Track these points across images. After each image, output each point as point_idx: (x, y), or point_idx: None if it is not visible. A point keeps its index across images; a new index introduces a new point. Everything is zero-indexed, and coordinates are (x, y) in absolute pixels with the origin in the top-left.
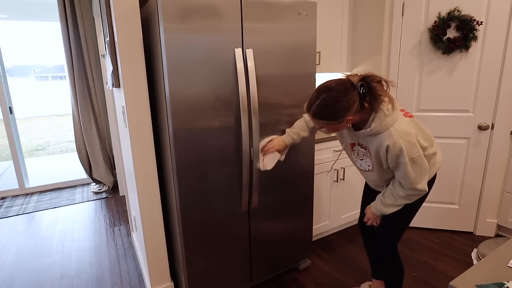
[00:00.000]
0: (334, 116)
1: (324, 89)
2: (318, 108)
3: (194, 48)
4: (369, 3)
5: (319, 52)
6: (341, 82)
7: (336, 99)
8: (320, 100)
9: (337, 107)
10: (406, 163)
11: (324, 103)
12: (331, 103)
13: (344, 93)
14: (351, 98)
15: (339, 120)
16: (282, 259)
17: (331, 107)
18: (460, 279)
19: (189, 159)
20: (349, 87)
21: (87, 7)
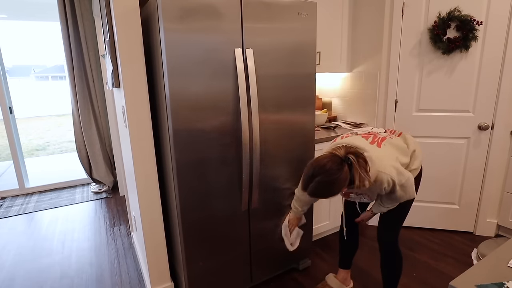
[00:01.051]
0: (332, 193)
1: (317, 172)
2: (315, 190)
3: (194, 48)
4: (369, 3)
5: (319, 52)
6: (332, 160)
7: (331, 181)
8: (316, 183)
9: (334, 187)
10: (397, 190)
11: (320, 186)
12: (327, 185)
13: (338, 172)
14: (343, 176)
15: (336, 194)
16: (282, 259)
17: (328, 188)
18: (460, 279)
19: (189, 159)
20: (339, 163)
21: (87, 7)
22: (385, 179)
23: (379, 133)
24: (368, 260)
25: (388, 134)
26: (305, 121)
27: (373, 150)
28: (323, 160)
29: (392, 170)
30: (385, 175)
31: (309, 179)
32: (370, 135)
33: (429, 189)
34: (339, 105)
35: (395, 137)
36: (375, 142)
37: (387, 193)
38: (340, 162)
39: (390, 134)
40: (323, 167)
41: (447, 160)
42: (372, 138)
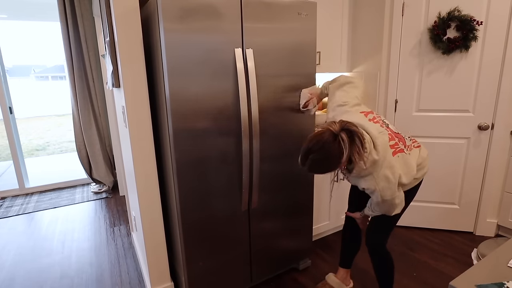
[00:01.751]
0: (327, 171)
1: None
2: (311, 167)
3: (194, 48)
4: (369, 3)
5: (319, 52)
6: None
7: (325, 157)
8: (311, 161)
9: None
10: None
11: (315, 163)
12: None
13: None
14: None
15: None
16: (282, 259)
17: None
18: (460, 279)
19: (189, 159)
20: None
21: (87, 7)
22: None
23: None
24: (368, 261)
25: (410, 144)
26: (305, 121)
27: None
28: (318, 137)
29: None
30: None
31: (305, 156)
32: (396, 137)
33: (429, 189)
34: None
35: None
36: (394, 148)
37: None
38: (333, 138)
39: (412, 143)
40: (316, 143)
41: (447, 160)
42: (395, 143)
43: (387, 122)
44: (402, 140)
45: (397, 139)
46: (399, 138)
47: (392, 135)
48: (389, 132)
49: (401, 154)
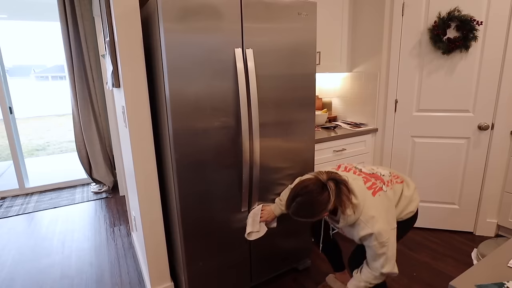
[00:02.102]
0: (312, 215)
1: (299, 192)
2: (296, 210)
3: (194, 48)
4: (369, 3)
5: (319, 52)
6: (314, 183)
7: (311, 202)
8: (297, 204)
9: (313, 208)
10: (374, 246)
11: (301, 207)
12: (307, 206)
13: (318, 195)
14: (324, 199)
15: (316, 218)
16: (282, 259)
17: (308, 209)
18: (460, 279)
19: (189, 159)
20: (321, 186)
21: (87, 7)
22: (360, 227)
23: (383, 175)
24: None
25: (390, 180)
26: (305, 121)
27: (366, 197)
28: (305, 182)
29: (374, 222)
30: (361, 224)
31: (291, 199)
32: (371, 178)
33: (429, 189)
34: (339, 105)
35: (395, 185)
36: (372, 188)
37: (369, 254)
38: (321, 185)
39: (393, 178)
40: (304, 188)
41: (447, 160)
42: (372, 183)
43: (359, 167)
44: (379, 178)
45: (373, 179)
46: (376, 177)
47: (367, 177)
48: (363, 176)
49: (381, 192)
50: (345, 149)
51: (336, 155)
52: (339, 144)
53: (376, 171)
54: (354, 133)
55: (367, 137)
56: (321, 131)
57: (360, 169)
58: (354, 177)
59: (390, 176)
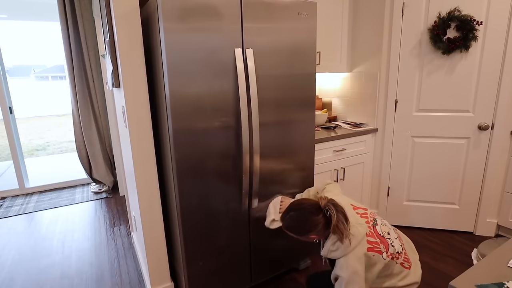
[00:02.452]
0: (299, 233)
1: (294, 208)
2: (287, 223)
3: (194, 48)
4: (369, 3)
5: (319, 52)
6: (310, 204)
7: (302, 219)
8: (289, 217)
9: (302, 227)
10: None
11: (292, 221)
12: (296, 223)
13: (311, 214)
14: (316, 220)
15: (303, 237)
16: (282, 259)
17: (297, 226)
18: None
19: (189, 159)
20: (317, 208)
21: (87, 7)
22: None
23: (392, 245)
24: None
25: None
26: (305, 121)
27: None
28: (304, 200)
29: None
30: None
31: (286, 212)
32: (377, 238)
33: (429, 189)
34: (339, 105)
35: (396, 265)
36: (372, 245)
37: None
38: (317, 207)
39: (401, 256)
40: (300, 204)
41: (447, 160)
42: (375, 241)
43: (379, 221)
44: (386, 245)
45: (378, 240)
46: (382, 242)
47: (374, 234)
48: (371, 230)
49: (377, 254)
50: (345, 149)
51: (336, 155)
52: (339, 144)
53: (388, 237)
54: (354, 133)
55: (367, 137)
56: (321, 131)
57: (375, 223)
58: (360, 222)
59: (401, 252)
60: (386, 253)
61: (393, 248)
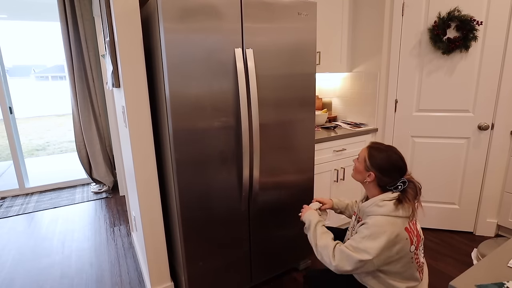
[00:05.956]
0: (376, 161)
1: (395, 149)
2: (377, 151)
3: (194, 48)
4: (369, 3)
5: (319, 52)
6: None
7: (392, 158)
8: (385, 147)
9: (378, 155)
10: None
11: (382, 151)
12: (383, 153)
13: (398, 164)
14: (396, 170)
15: (372, 169)
16: (282, 259)
17: (379, 155)
18: (460, 279)
19: (189, 159)
20: (401, 173)
21: (87, 7)
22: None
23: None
24: None
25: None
26: (305, 121)
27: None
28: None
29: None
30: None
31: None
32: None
33: (429, 189)
34: (339, 105)
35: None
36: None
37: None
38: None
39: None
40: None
41: (447, 160)
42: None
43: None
44: (418, 243)
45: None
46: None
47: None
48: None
49: (408, 241)
50: (345, 149)
51: (336, 155)
52: (339, 144)
53: (422, 238)
54: (354, 133)
55: (367, 137)
56: (321, 131)
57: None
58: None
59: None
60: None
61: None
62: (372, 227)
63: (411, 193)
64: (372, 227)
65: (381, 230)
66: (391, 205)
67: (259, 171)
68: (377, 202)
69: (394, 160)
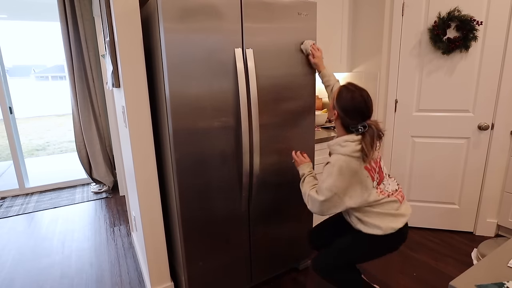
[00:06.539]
0: (340, 100)
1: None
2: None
3: (194, 48)
4: (369, 3)
5: None
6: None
7: (353, 96)
8: (355, 88)
9: (345, 95)
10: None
11: (348, 92)
12: (350, 94)
13: (361, 104)
14: (357, 111)
15: (333, 103)
16: (282, 259)
17: (346, 95)
18: (460, 279)
19: (189, 159)
20: (362, 116)
21: (87, 7)
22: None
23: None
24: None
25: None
26: (305, 121)
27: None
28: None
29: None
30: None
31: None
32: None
33: (429, 189)
34: None
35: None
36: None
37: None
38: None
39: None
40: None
41: (447, 160)
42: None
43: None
44: (381, 175)
45: (377, 169)
46: (379, 173)
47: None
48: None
49: (368, 177)
50: None
51: None
52: None
53: (386, 174)
54: None
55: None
56: (321, 131)
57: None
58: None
59: (395, 187)
60: (375, 181)
61: (388, 181)
62: (331, 167)
63: (368, 138)
64: (332, 166)
65: (339, 168)
66: (353, 146)
67: (259, 171)
68: (340, 142)
69: (357, 102)
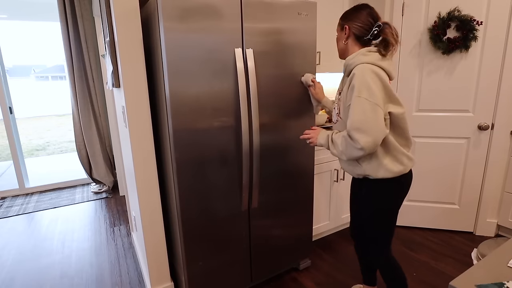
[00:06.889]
0: (344, 16)
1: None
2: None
3: (194, 48)
4: (369, 3)
5: (319, 52)
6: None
7: (358, 7)
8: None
9: (348, 10)
10: (355, 98)
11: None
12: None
13: (365, 11)
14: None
15: (342, 22)
16: (282, 259)
17: (348, 10)
18: (460, 279)
19: (189, 159)
20: (372, 17)
21: (87, 7)
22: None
23: None
24: None
25: None
26: (305, 121)
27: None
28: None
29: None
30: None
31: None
32: None
33: (429, 189)
34: None
35: None
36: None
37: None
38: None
39: None
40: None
41: (447, 160)
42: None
43: None
44: None
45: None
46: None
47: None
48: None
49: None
50: None
51: None
52: None
53: None
54: None
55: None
56: None
57: None
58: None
59: None
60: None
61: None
62: (359, 77)
63: (388, 34)
64: (361, 76)
65: (370, 74)
66: (377, 55)
67: (259, 170)
68: (363, 52)
69: (360, 5)
